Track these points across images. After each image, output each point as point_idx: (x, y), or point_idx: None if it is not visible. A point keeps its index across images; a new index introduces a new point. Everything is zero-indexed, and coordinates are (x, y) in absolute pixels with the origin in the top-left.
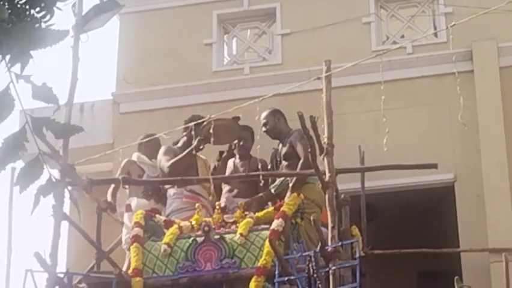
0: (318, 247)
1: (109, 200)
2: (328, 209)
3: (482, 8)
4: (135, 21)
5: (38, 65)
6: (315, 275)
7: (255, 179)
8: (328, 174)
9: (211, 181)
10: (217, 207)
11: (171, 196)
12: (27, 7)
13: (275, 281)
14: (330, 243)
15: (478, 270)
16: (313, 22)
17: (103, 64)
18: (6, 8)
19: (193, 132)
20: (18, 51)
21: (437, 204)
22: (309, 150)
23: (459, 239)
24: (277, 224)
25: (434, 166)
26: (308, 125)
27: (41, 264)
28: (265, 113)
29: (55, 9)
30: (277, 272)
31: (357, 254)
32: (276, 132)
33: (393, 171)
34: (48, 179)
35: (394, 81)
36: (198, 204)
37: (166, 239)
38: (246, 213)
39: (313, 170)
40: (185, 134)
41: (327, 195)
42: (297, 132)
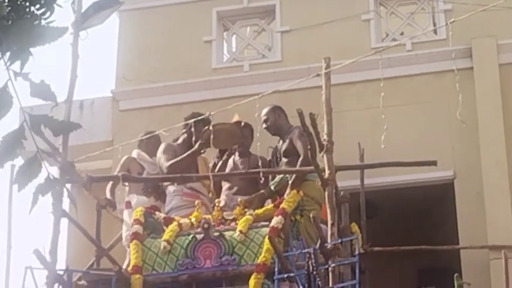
0: (318, 244)
1: (108, 197)
2: (327, 206)
3: (482, 5)
4: (135, 19)
5: (38, 62)
6: (315, 272)
7: (254, 176)
8: (327, 172)
9: (211, 178)
10: (217, 204)
11: (171, 193)
12: (27, 4)
13: (275, 278)
14: (329, 241)
15: (478, 267)
16: (313, 19)
17: (102, 61)
18: (6, 5)
19: (193, 129)
20: (18, 48)
21: (437, 202)
22: (308, 147)
23: (458, 236)
24: (277, 221)
25: (433, 163)
26: (308, 122)
27: (41, 261)
28: (266, 110)
29: (55, 6)
30: (276, 269)
31: (357, 251)
32: (276, 129)
33: (393, 168)
34: (47, 177)
35: (393, 79)
36: (197, 202)
37: (166, 236)
38: (246, 210)
39: (312, 167)
40: (185, 131)
41: (327, 193)
42: (297, 129)
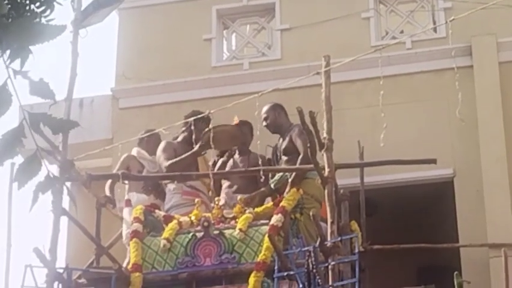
0: (318, 242)
1: (107, 194)
2: (327, 204)
3: (481, 3)
4: (134, 17)
5: (37, 61)
6: (315, 270)
7: (254, 175)
8: (327, 170)
9: (211, 177)
10: (216, 202)
11: (171, 191)
12: (27, 2)
13: (274, 276)
14: (329, 239)
15: (477, 265)
16: (313, 17)
17: (102, 59)
18: (6, 3)
19: (193, 127)
20: (18, 46)
21: (437, 200)
22: (308, 145)
23: (458, 234)
24: (277, 219)
25: (433, 161)
26: (307, 120)
27: (41, 259)
28: (266, 108)
29: (55, 4)
30: (276, 267)
31: (357, 249)
32: (275, 127)
33: (393, 166)
34: (47, 176)
35: (393, 77)
36: (197, 200)
37: (166, 234)
38: (245, 208)
39: (312, 165)
40: (185, 129)
41: (327, 191)
42: (297, 127)
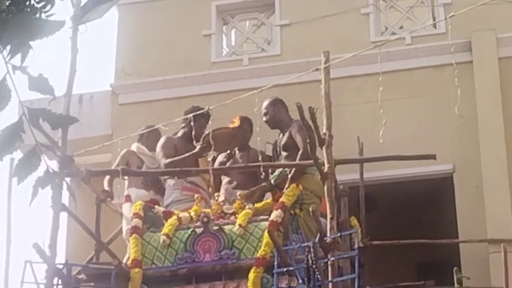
0: (317, 238)
1: (105, 188)
2: (327, 200)
3: None
4: (134, 12)
5: (37, 56)
6: (314, 266)
7: (254, 170)
8: (327, 165)
9: (211, 173)
10: (216, 198)
11: (170, 187)
12: None
13: (274, 271)
14: (329, 234)
15: (477, 261)
16: (312, 13)
17: (101, 55)
18: None
19: (193, 123)
20: (18, 42)
21: (436, 195)
22: (308, 141)
23: (458, 230)
24: (276, 215)
25: (432, 157)
26: (307, 116)
27: (40, 255)
28: (266, 103)
29: None
30: (276, 263)
31: (356, 245)
32: (275, 122)
33: (392, 162)
34: (46, 171)
35: (393, 72)
36: (197, 196)
37: (165, 230)
38: (245, 204)
39: (312, 160)
40: (185, 125)
41: (326, 186)
42: (297, 123)
